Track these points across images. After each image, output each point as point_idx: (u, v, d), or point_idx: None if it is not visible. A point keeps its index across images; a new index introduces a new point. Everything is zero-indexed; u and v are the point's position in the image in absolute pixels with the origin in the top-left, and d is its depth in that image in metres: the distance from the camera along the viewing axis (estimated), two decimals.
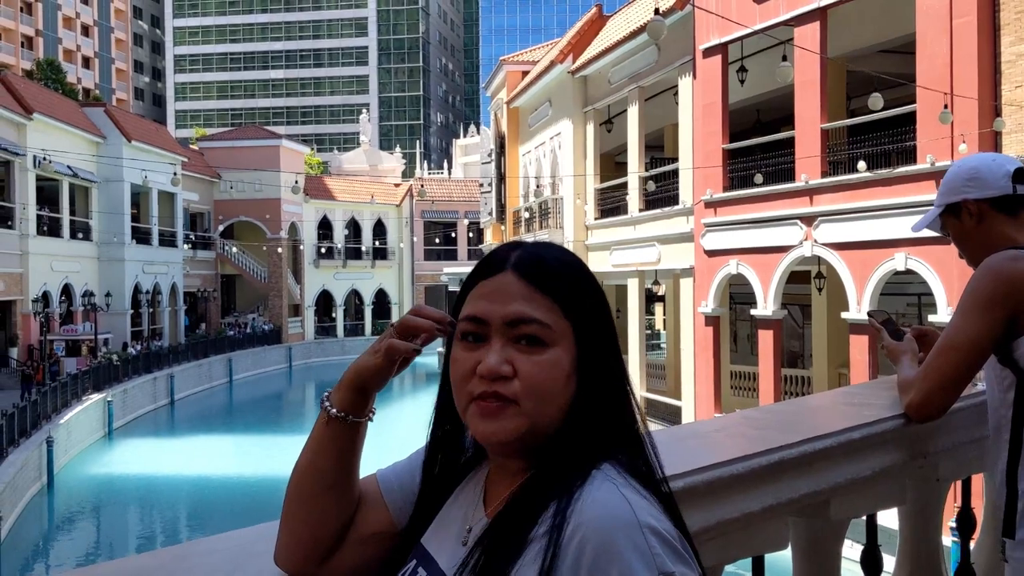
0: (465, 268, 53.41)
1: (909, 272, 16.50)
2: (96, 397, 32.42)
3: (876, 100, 14.35)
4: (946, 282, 15.54)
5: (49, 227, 38.19)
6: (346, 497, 1.23)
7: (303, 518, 1.21)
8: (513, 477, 1.13)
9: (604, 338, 1.12)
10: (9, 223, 34.93)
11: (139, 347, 41.35)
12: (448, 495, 1.22)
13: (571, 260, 1.14)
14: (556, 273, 1.11)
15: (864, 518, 1.97)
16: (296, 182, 27.85)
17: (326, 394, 1.22)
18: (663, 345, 35.19)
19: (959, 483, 2.22)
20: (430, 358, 54.10)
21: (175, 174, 32.65)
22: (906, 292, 19.28)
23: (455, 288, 53.37)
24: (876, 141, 17.08)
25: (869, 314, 2.29)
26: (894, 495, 1.96)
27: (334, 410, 1.20)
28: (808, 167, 18.19)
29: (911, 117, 16.22)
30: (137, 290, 43.76)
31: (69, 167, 37.83)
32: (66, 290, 38.83)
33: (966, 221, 2.15)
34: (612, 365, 1.12)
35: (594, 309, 1.12)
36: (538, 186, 31.93)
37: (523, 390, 1.07)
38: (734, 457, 1.62)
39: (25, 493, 23.40)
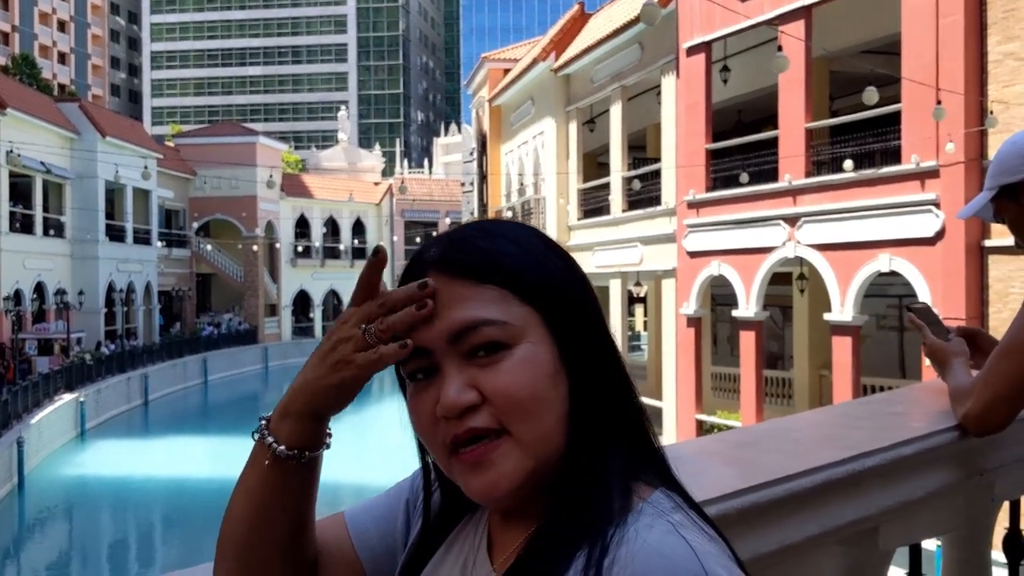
0: None
1: (893, 273, 16.37)
2: (68, 397, 31.89)
3: (871, 94, 14.17)
4: (930, 282, 15.42)
5: (22, 224, 37.55)
6: (301, 554, 0.92)
7: None
8: (523, 519, 0.84)
9: (584, 315, 0.85)
10: None
11: (113, 346, 40.77)
12: (439, 541, 0.93)
13: (510, 230, 0.87)
14: (491, 251, 0.83)
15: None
16: (271, 176, 27.51)
17: (263, 422, 0.90)
18: (644, 347, 35.06)
19: (1007, 503, 1.98)
20: None
21: (145, 167, 32.22)
22: (888, 294, 19.16)
23: None
24: (860, 141, 16.95)
25: (908, 308, 2.02)
26: (947, 519, 1.71)
27: (282, 448, 0.87)
28: (792, 167, 18.04)
29: (895, 117, 16.10)
30: (111, 288, 43.14)
31: (42, 163, 37.21)
32: (38, 288, 38.21)
33: None
34: (605, 347, 0.85)
35: (559, 281, 0.84)
36: (521, 185, 31.68)
37: (501, 411, 0.80)
38: (773, 479, 1.37)
39: None
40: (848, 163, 16.63)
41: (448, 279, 0.82)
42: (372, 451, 31.66)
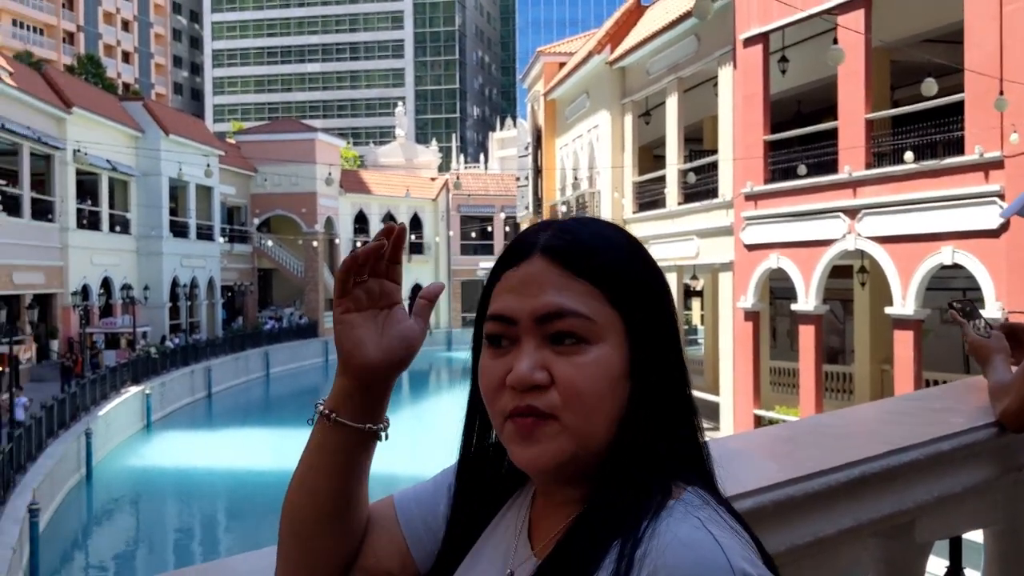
0: None
1: (956, 266, 16.06)
2: (135, 390, 32.66)
3: (930, 85, 13.92)
4: (995, 276, 15.09)
5: (89, 220, 38.55)
6: (350, 527, 1.00)
7: (299, 559, 0.99)
8: (564, 507, 0.90)
9: (663, 330, 0.90)
10: (49, 216, 35.30)
11: (177, 340, 41.65)
12: (484, 525, 0.99)
13: (614, 234, 0.92)
14: (596, 251, 0.89)
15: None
16: (330, 173, 27.82)
17: (320, 404, 0.99)
18: (700, 340, 34.82)
19: None
20: (467, 352, 54.02)
21: (208, 166, 32.77)
22: (951, 287, 18.78)
23: None
24: (922, 132, 16.63)
25: (950, 305, 2.04)
26: (984, 513, 1.73)
27: (336, 416, 0.97)
28: (851, 159, 17.77)
29: (958, 107, 15.75)
30: (175, 283, 44.08)
31: (108, 161, 38.15)
32: (105, 283, 39.18)
33: None
34: (673, 363, 0.90)
35: (649, 293, 0.90)
36: (575, 179, 31.65)
37: (563, 401, 0.85)
38: (809, 473, 1.40)
39: (64, 485, 23.58)
40: (909, 155, 16.34)
41: (550, 264, 0.88)
42: (428, 442, 31.97)
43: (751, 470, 1.41)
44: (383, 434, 1.00)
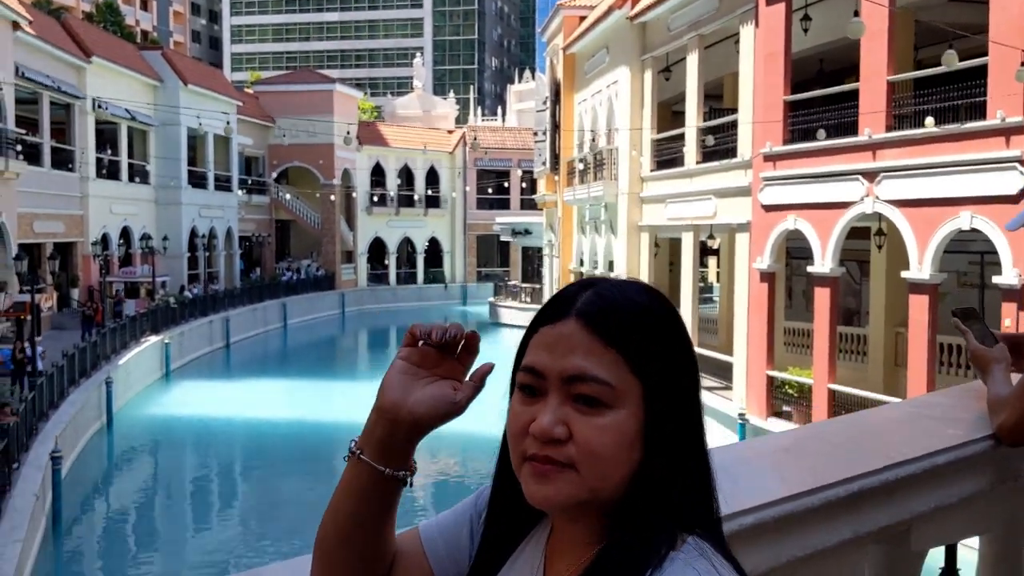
0: (517, 218, 53.23)
1: (973, 230, 15.99)
2: (154, 339, 33.02)
3: (950, 57, 13.77)
4: (1012, 241, 15.03)
5: (108, 170, 38.70)
6: (379, 555, 1.09)
7: None
8: (577, 546, 0.98)
9: (681, 400, 0.96)
10: (70, 166, 35.46)
11: (196, 290, 41.95)
12: (506, 557, 1.07)
13: (650, 304, 0.98)
14: (628, 322, 0.95)
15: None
16: (348, 132, 27.75)
17: (354, 442, 1.07)
18: (715, 298, 34.83)
19: None
20: (482, 307, 54.30)
21: (228, 123, 32.74)
22: (969, 250, 18.73)
23: (507, 238, 53.31)
24: (944, 95, 16.45)
25: (953, 312, 2.09)
26: (980, 522, 1.81)
27: (361, 454, 1.05)
28: (872, 121, 17.63)
29: (982, 70, 15.58)
30: (193, 234, 44.31)
31: (127, 110, 38.19)
32: (125, 233, 39.43)
33: None
34: (690, 422, 0.97)
35: (672, 366, 0.96)
36: (594, 135, 31.49)
37: (579, 456, 0.93)
38: (809, 488, 1.48)
39: (85, 432, 23.98)
40: (929, 120, 16.19)
41: (582, 327, 0.95)
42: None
43: (752, 485, 1.49)
44: (408, 480, 1.08)
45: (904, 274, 17.19)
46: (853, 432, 1.85)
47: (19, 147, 30.00)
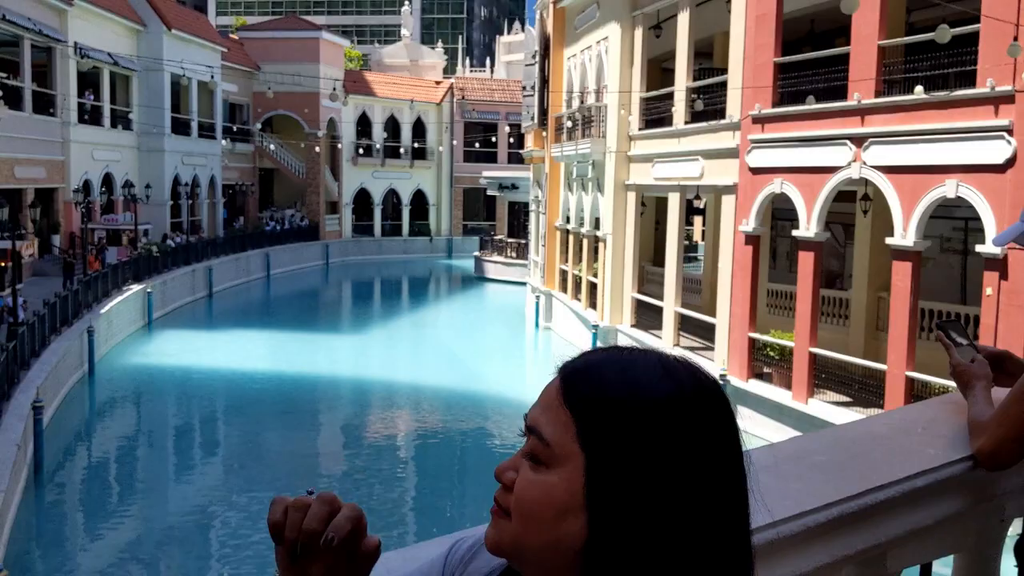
0: (504, 172, 53.01)
1: (959, 198, 16.03)
2: (136, 288, 32.87)
3: (943, 32, 13.69)
4: (996, 210, 15.08)
5: (90, 116, 38.19)
6: None
7: None
8: None
9: (644, 487, 0.87)
10: (51, 110, 34.97)
11: (179, 239, 41.70)
12: None
13: (632, 381, 0.90)
14: (594, 388, 0.90)
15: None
16: (335, 89, 27.43)
17: None
18: (700, 258, 34.90)
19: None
20: (467, 260, 54.27)
21: (212, 77, 32.28)
22: (953, 216, 18.80)
23: (494, 192, 53.10)
24: (935, 61, 16.39)
25: (938, 326, 2.09)
26: (955, 541, 1.83)
27: None
28: (861, 86, 17.56)
29: (974, 37, 15.51)
30: (176, 182, 43.93)
31: (109, 54, 37.61)
32: (107, 180, 39.07)
33: None
34: (682, 530, 0.87)
35: (637, 447, 0.87)
36: (583, 92, 31.25)
37: (513, 504, 0.91)
38: (787, 516, 1.49)
39: (67, 381, 23.95)
40: (919, 88, 16.13)
41: (558, 384, 0.93)
42: (425, 348, 32.35)
43: None
44: None
45: (888, 240, 17.25)
46: (834, 450, 1.86)
47: (0, 91, 29.55)
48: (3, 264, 25.65)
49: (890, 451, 1.82)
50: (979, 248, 15.71)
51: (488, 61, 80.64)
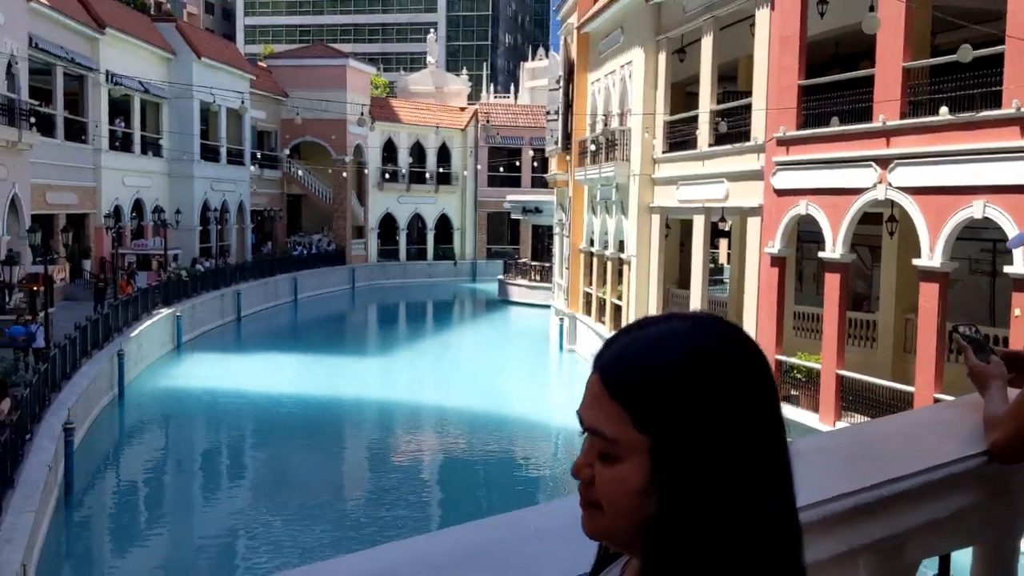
0: (528, 196, 53.23)
1: (986, 219, 15.96)
2: (166, 312, 33.23)
3: (965, 51, 13.71)
4: None
5: (121, 142, 38.80)
6: None
7: None
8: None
9: (700, 452, 0.93)
10: (83, 137, 35.58)
11: (207, 264, 42.13)
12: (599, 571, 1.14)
13: (665, 357, 0.95)
14: (633, 377, 0.95)
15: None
16: (362, 114, 27.74)
17: None
18: (725, 280, 34.81)
19: None
20: (491, 284, 54.41)
21: (242, 103, 32.77)
22: (981, 237, 18.70)
23: (518, 216, 53.32)
24: (960, 83, 16.37)
25: (954, 328, 2.15)
26: (972, 533, 1.87)
27: None
28: (886, 107, 17.56)
29: (1000, 58, 15.49)
30: (205, 207, 44.46)
31: (140, 82, 38.24)
32: (137, 205, 39.62)
33: None
34: (717, 479, 0.93)
35: (686, 420, 0.93)
36: (606, 116, 31.41)
37: (600, 498, 0.98)
38: (805, 504, 1.54)
39: (97, 403, 24.22)
40: (944, 109, 16.12)
41: (599, 381, 0.98)
42: (451, 370, 32.41)
43: None
44: None
45: (915, 262, 17.18)
46: (854, 446, 1.91)
47: (33, 118, 30.11)
48: (36, 288, 26.01)
49: (908, 446, 1.87)
50: (1007, 269, 15.62)
51: (512, 87, 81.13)
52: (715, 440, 0.94)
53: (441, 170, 60.89)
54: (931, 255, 16.67)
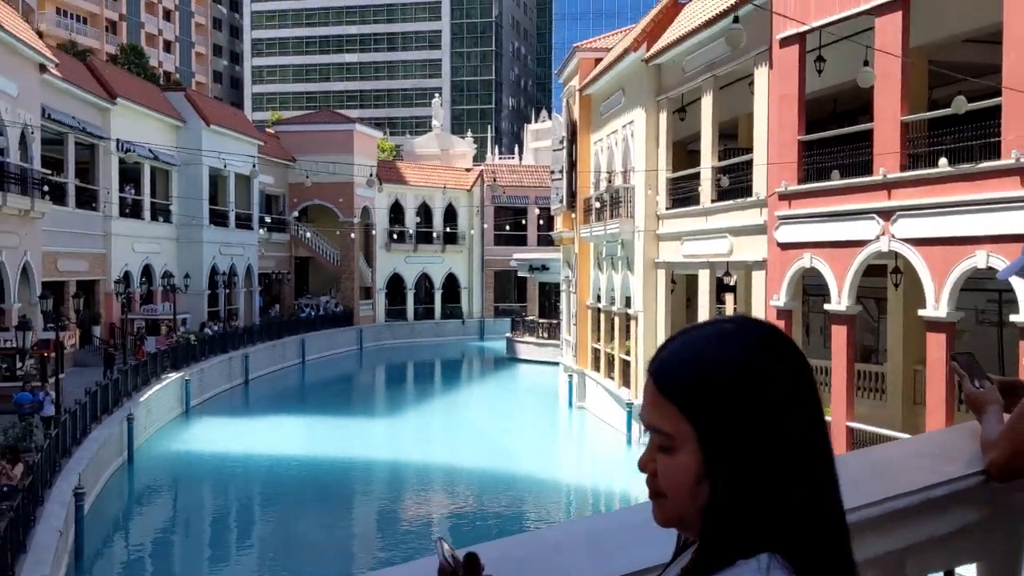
0: (534, 254, 53.53)
1: (990, 269, 16.07)
2: (174, 376, 33.32)
3: (960, 103, 13.96)
4: None
5: (131, 209, 39.27)
6: None
7: None
8: None
9: (742, 435, 1.06)
10: (93, 205, 36.04)
11: (216, 327, 42.31)
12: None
13: (703, 356, 1.10)
14: (677, 375, 1.10)
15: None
16: (371, 175, 28.09)
17: None
18: None
19: None
20: (499, 342, 54.46)
21: (254, 166, 33.30)
22: (986, 288, 18.80)
23: (524, 274, 53.57)
24: (959, 135, 16.61)
25: (952, 357, 2.25)
26: (974, 550, 1.96)
27: None
28: (886, 160, 17.80)
29: (997, 110, 15.74)
30: (214, 271, 44.78)
31: (150, 150, 38.83)
32: (146, 271, 39.95)
33: None
34: (764, 459, 1.06)
35: (723, 408, 1.06)
36: (610, 175, 31.78)
37: (663, 488, 1.12)
38: None
39: (107, 468, 24.20)
40: (943, 161, 16.35)
41: (651, 382, 1.12)
42: (458, 428, 32.31)
43: None
44: None
45: (921, 312, 17.26)
46: (858, 465, 2.01)
47: (45, 187, 30.55)
48: (47, 355, 26.17)
49: (910, 466, 1.97)
50: (1013, 318, 15.68)
51: (516, 148, 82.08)
52: (756, 427, 1.06)
53: (448, 230, 61.36)
54: (936, 305, 16.75)
